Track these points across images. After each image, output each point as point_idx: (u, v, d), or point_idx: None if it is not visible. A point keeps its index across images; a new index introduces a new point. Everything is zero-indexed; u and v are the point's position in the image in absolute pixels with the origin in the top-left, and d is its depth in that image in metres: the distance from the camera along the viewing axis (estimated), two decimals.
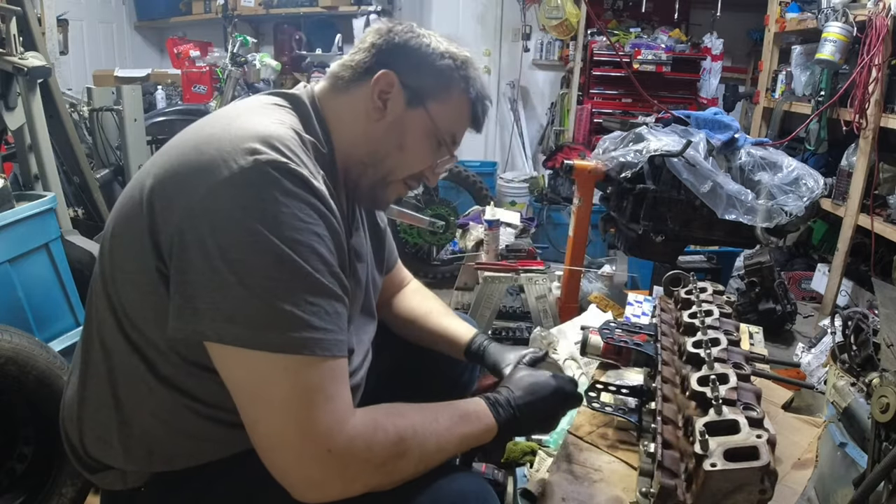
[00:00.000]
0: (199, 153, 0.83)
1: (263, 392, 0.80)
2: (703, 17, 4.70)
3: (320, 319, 0.82)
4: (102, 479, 0.97)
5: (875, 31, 2.72)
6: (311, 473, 0.81)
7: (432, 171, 1.08)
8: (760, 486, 0.73)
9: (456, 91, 1.03)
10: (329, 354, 0.82)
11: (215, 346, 0.81)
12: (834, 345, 1.77)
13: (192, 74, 4.32)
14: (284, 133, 0.87)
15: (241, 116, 0.90)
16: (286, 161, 0.82)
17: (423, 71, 1.00)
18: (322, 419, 0.80)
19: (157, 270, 0.84)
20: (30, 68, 1.94)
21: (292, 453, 0.80)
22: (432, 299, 1.39)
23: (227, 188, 0.80)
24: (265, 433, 0.81)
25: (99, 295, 0.93)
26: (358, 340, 1.13)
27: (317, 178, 0.87)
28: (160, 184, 0.85)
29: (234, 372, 0.82)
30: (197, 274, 0.79)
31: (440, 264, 3.74)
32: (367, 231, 1.17)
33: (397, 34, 1.01)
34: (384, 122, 1.00)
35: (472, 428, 0.98)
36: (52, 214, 1.85)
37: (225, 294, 0.78)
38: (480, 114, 1.07)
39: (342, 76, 1.01)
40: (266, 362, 0.79)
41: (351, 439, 0.82)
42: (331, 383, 0.82)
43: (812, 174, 2.33)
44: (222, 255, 0.78)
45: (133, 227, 0.87)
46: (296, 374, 0.80)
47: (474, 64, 1.05)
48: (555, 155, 3.97)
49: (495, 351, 1.23)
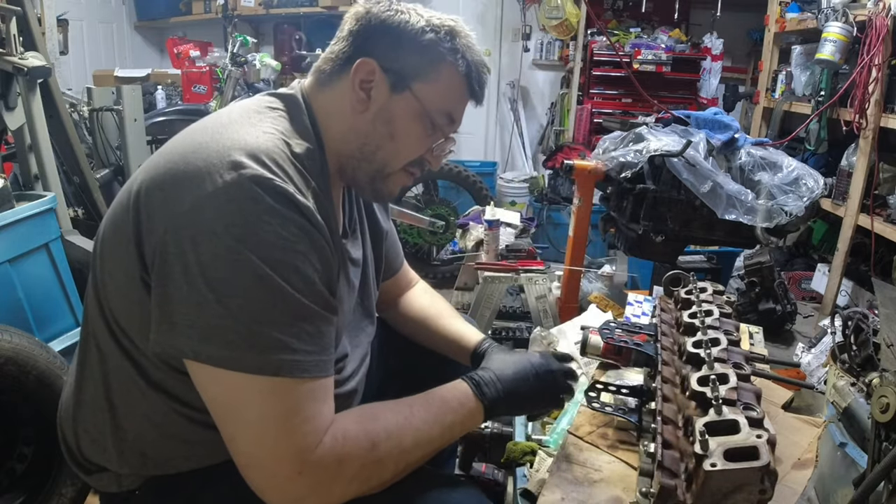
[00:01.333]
0: (186, 163, 0.82)
1: (238, 412, 0.79)
2: (703, 17, 4.71)
3: (300, 341, 0.80)
4: (97, 480, 0.97)
5: (875, 31, 2.72)
6: (286, 492, 0.80)
7: (432, 154, 1.02)
8: (760, 486, 0.73)
9: (444, 66, 0.95)
10: (308, 376, 0.81)
11: (192, 363, 0.80)
12: (834, 345, 1.77)
13: (192, 74, 4.32)
14: (272, 145, 0.85)
15: (232, 125, 0.88)
16: (271, 178, 0.80)
17: (404, 51, 0.94)
18: (294, 441, 0.79)
19: (141, 280, 0.84)
20: (30, 68, 1.95)
21: (265, 473, 0.80)
22: (441, 301, 1.36)
23: (210, 202, 0.78)
24: (240, 451, 0.81)
25: (91, 300, 0.93)
26: (356, 343, 1.12)
27: (303, 194, 0.84)
28: (146, 191, 0.84)
29: (211, 389, 0.81)
30: (176, 288, 0.78)
31: (440, 264, 3.74)
32: (366, 234, 1.15)
33: (374, 15, 0.94)
34: (370, 113, 0.95)
35: (455, 414, 0.95)
36: (52, 214, 1.85)
37: (202, 311, 0.77)
38: (476, 85, 0.99)
39: (324, 69, 0.97)
40: (242, 382, 0.78)
41: (320, 459, 0.80)
42: (309, 404, 0.81)
43: (812, 174, 2.33)
44: (202, 272, 0.77)
45: (120, 234, 0.86)
46: (272, 396, 0.79)
47: (462, 31, 0.97)
48: (555, 155, 3.97)
49: (498, 351, 1.21)
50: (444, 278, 3.60)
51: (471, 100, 1.01)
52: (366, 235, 1.15)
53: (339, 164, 0.99)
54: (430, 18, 0.95)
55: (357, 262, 1.09)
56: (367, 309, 1.17)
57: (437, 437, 0.93)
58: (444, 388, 0.99)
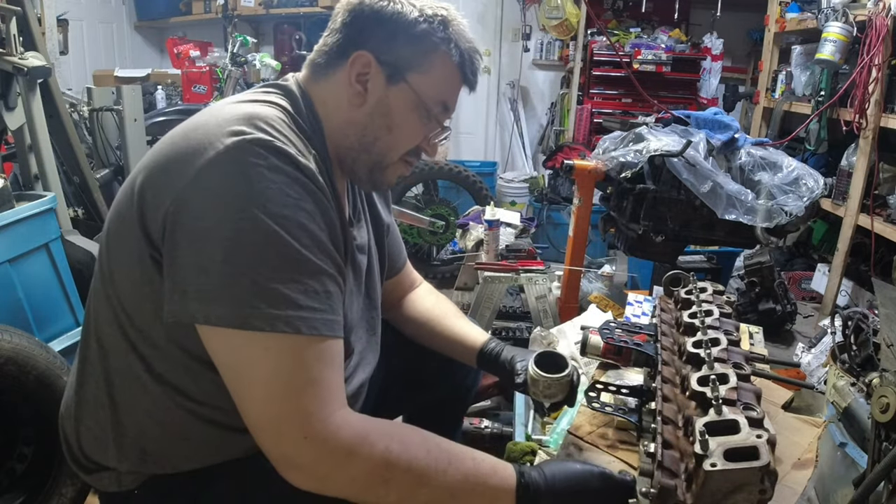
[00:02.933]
0: (188, 140, 0.83)
1: (247, 371, 0.79)
2: (703, 17, 4.70)
3: (307, 297, 0.80)
4: (97, 480, 0.97)
5: (875, 31, 2.72)
6: (290, 457, 0.80)
7: (428, 143, 1.02)
8: (760, 486, 0.73)
9: (438, 56, 0.96)
10: (316, 333, 0.81)
11: (203, 327, 0.80)
12: (834, 345, 1.77)
13: (192, 74, 4.32)
14: (270, 113, 0.86)
15: (229, 104, 0.89)
16: (271, 139, 0.81)
17: (399, 42, 0.94)
18: (301, 402, 0.79)
19: (150, 258, 0.84)
20: (30, 68, 1.94)
21: (272, 433, 0.80)
22: (446, 301, 1.36)
23: (213, 168, 0.79)
24: (249, 412, 0.81)
25: (98, 293, 0.93)
26: (362, 342, 1.12)
27: (305, 157, 0.85)
28: (150, 174, 0.85)
29: (221, 351, 0.81)
30: (185, 256, 0.79)
31: (440, 264, 3.74)
32: (369, 224, 1.15)
33: (367, 6, 0.94)
34: (367, 106, 0.96)
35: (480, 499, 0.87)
36: (52, 214, 1.85)
37: (210, 274, 0.78)
38: (470, 73, 1.00)
39: (318, 62, 0.98)
40: (249, 341, 0.78)
41: (332, 436, 0.79)
42: (316, 364, 0.81)
43: (812, 174, 2.33)
44: (209, 235, 0.78)
45: (126, 221, 0.87)
46: (278, 354, 0.79)
47: (455, 19, 0.98)
48: (555, 155, 3.97)
49: (509, 352, 1.21)
50: (444, 278, 3.60)
51: (464, 86, 1.02)
52: (369, 225, 1.15)
53: (338, 153, 0.99)
54: (422, 8, 0.95)
55: (363, 248, 1.09)
56: (372, 301, 1.16)
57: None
58: (490, 469, 0.88)
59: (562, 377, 1.13)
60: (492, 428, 1.90)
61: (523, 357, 1.18)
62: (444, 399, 1.42)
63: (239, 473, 0.87)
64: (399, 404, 1.42)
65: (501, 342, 1.25)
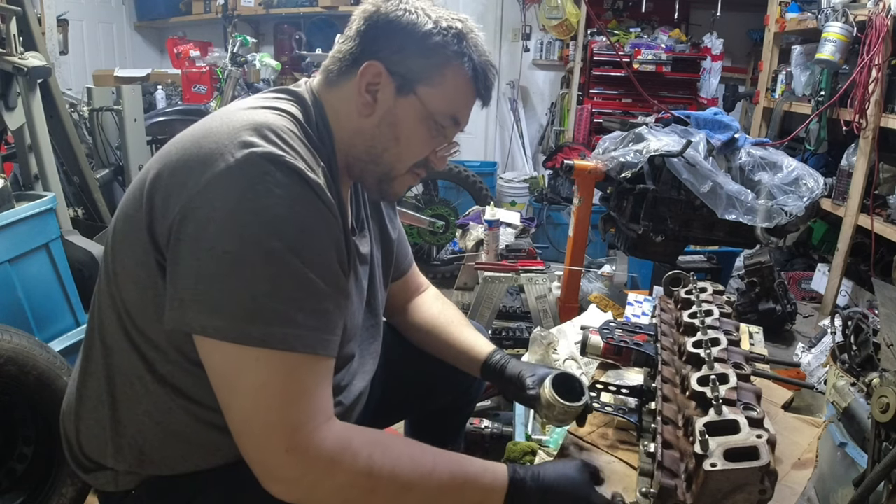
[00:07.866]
0: (199, 147, 0.83)
1: (236, 381, 0.80)
2: (703, 17, 4.71)
3: (305, 316, 0.81)
4: (95, 479, 0.97)
5: (875, 31, 2.72)
6: (272, 469, 0.81)
7: (436, 155, 1.02)
8: (760, 486, 0.73)
9: (450, 70, 0.95)
10: (310, 352, 0.81)
11: (199, 337, 0.81)
12: (834, 345, 1.77)
13: (192, 74, 4.32)
14: (282, 124, 0.86)
15: (241, 111, 0.89)
16: (281, 154, 0.81)
17: (411, 54, 0.93)
18: (287, 415, 0.79)
19: (156, 263, 0.85)
20: (30, 68, 1.95)
21: (255, 443, 0.80)
22: (452, 308, 1.35)
23: (222, 180, 0.79)
24: (234, 419, 0.81)
25: (103, 293, 0.93)
26: (363, 347, 1.12)
27: (314, 171, 0.85)
28: (160, 179, 0.85)
29: (214, 361, 0.82)
30: (187, 265, 0.80)
31: (440, 264, 3.74)
32: (374, 235, 1.14)
33: (382, 14, 0.93)
34: (375, 117, 0.95)
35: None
36: (52, 214, 1.85)
37: (210, 285, 0.78)
38: (483, 88, 0.99)
39: (332, 69, 0.98)
40: (243, 353, 0.79)
41: (314, 447, 0.80)
42: (307, 380, 0.81)
43: (812, 174, 2.34)
44: (212, 247, 0.78)
45: (133, 223, 0.87)
46: (270, 368, 0.79)
47: (470, 32, 0.96)
48: (555, 155, 3.96)
49: (517, 366, 1.19)
50: (444, 278, 3.60)
51: (479, 99, 1.01)
52: (373, 234, 1.14)
53: (347, 162, 0.99)
54: (437, 19, 0.94)
55: (365, 258, 1.09)
56: (374, 309, 1.16)
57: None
58: (480, 468, 0.91)
59: (579, 406, 1.08)
60: (492, 428, 1.90)
61: (533, 373, 1.15)
62: (446, 407, 1.42)
63: (236, 478, 0.87)
64: (401, 411, 1.42)
65: (506, 354, 1.23)
